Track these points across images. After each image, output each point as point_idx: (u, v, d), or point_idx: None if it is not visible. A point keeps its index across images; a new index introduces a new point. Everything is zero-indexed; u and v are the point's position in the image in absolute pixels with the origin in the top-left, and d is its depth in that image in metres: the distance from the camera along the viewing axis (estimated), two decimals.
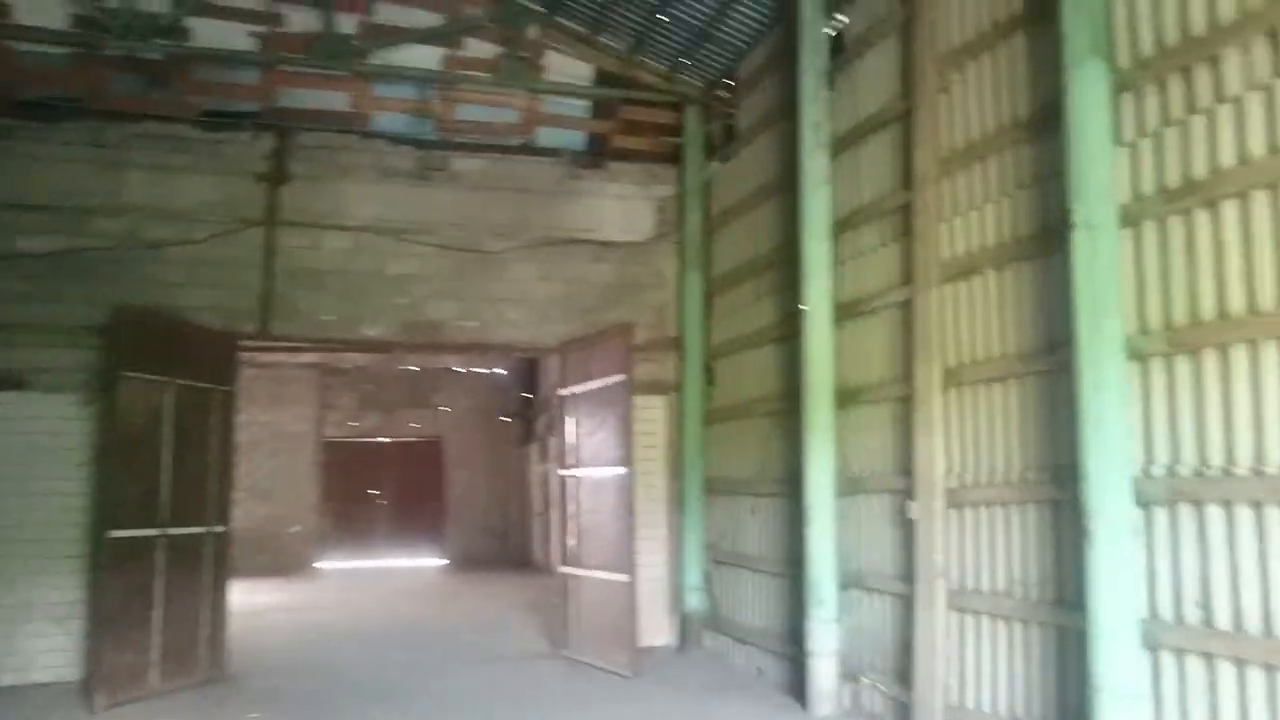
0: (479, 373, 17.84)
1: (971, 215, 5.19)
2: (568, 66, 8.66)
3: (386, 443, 17.76)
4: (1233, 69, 3.81)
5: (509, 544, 17.52)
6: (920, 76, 5.60)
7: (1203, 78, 3.94)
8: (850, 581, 6.11)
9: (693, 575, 8.40)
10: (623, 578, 7.51)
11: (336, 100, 8.36)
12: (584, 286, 8.83)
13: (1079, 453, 4.16)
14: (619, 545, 7.60)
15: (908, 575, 5.51)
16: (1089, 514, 4.08)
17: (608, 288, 8.88)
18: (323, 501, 16.63)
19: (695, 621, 8.35)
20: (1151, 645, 3.97)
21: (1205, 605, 3.81)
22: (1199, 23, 3.96)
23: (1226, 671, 3.70)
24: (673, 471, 8.74)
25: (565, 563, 8.37)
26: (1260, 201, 3.66)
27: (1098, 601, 4.03)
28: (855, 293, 6.23)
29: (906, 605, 5.52)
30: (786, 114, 7.13)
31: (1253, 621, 3.62)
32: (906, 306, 5.65)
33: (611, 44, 8.57)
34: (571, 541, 8.29)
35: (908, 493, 5.54)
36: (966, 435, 5.16)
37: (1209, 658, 3.76)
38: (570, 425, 8.47)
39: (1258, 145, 3.68)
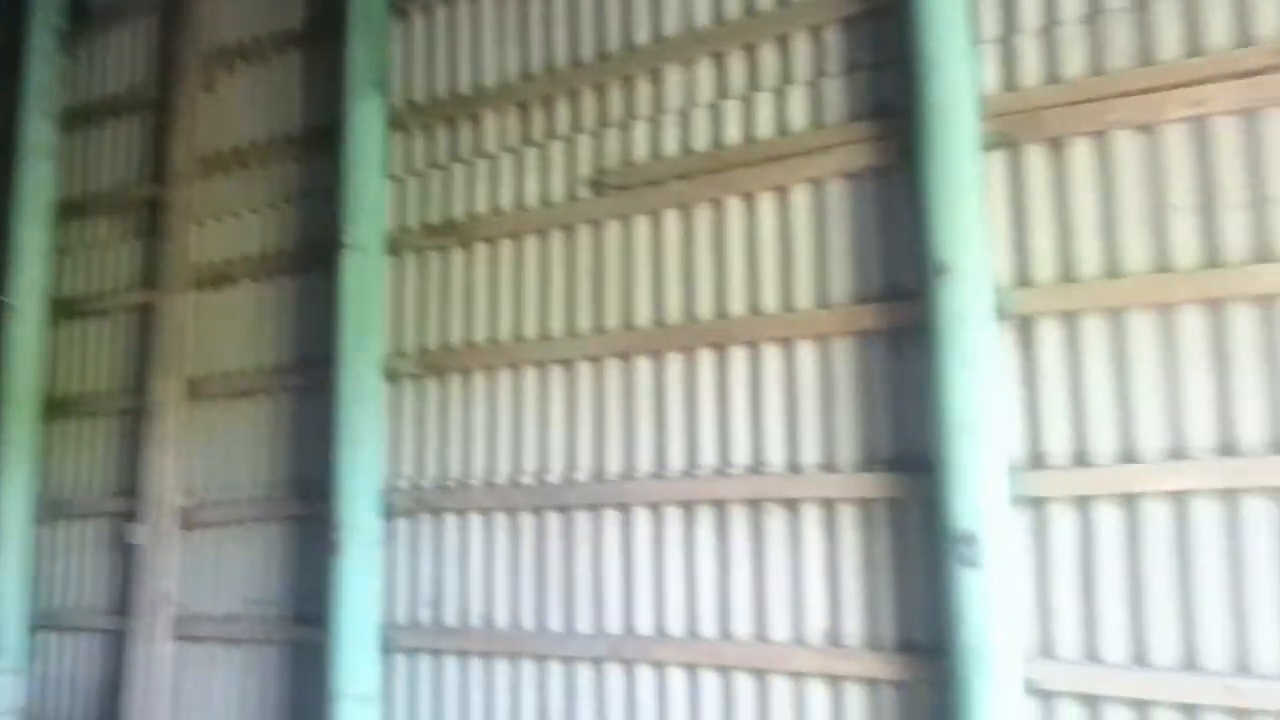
0: None
1: (232, 222, 4.98)
2: None
3: None
4: (490, 130, 4.35)
5: None
6: (182, 67, 5.22)
7: (465, 132, 4.41)
8: (45, 623, 5.25)
9: None
10: None
11: None
12: None
13: (333, 467, 4.24)
14: None
15: (125, 607, 4.94)
16: (339, 527, 4.17)
17: None
18: None
19: None
20: (388, 649, 4.20)
21: (437, 606, 4.17)
22: (465, 83, 4.43)
23: (452, 664, 4.08)
24: None
25: None
26: (506, 247, 4.20)
27: (343, 613, 4.13)
28: (81, 289, 5.47)
29: (121, 641, 4.93)
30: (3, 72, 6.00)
31: (475, 618, 4.07)
32: (147, 310, 5.15)
33: None
34: None
35: (131, 515, 4.99)
36: (210, 451, 4.87)
37: (437, 654, 4.11)
38: None
39: (506, 199, 4.23)
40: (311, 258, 4.67)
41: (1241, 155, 2.90)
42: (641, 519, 3.74)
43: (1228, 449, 2.82)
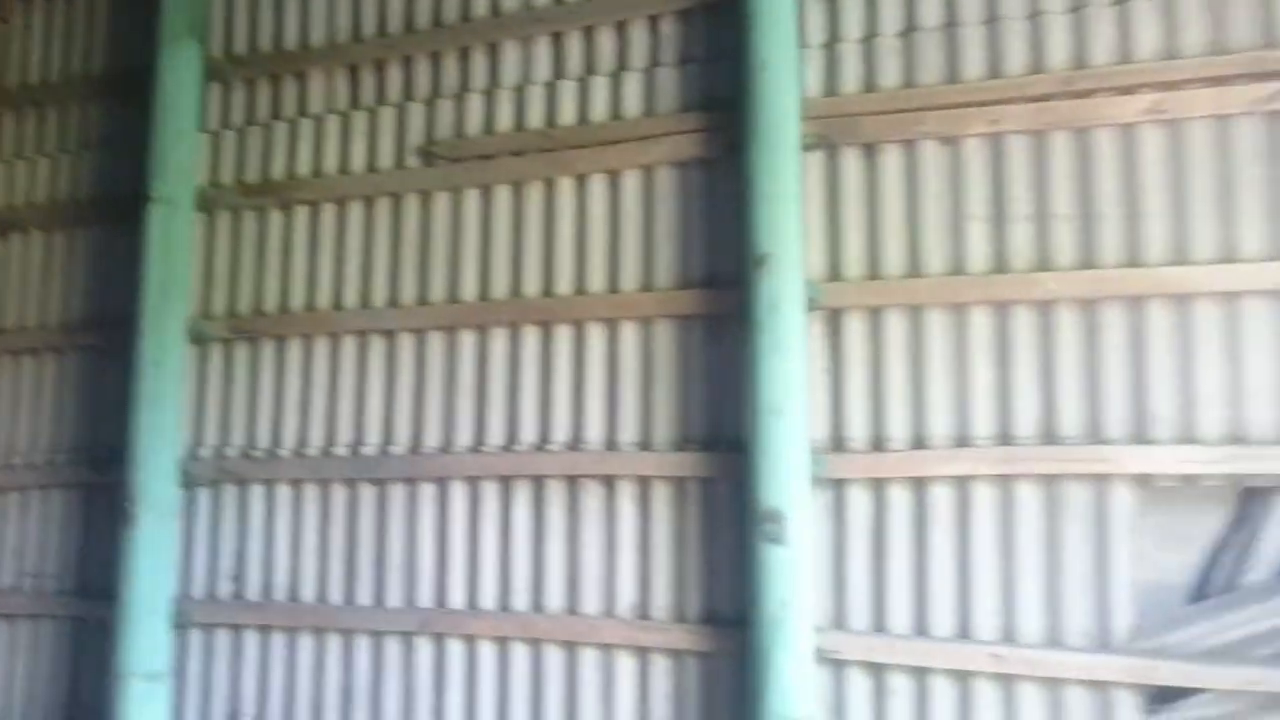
0: None
1: (21, 165, 4.59)
2: None
3: None
4: (317, 90, 4.19)
5: None
6: None
7: (290, 89, 4.24)
8: None
9: None
10: None
11: None
12: None
13: (130, 434, 3.99)
14: None
15: None
16: (134, 497, 3.94)
17: None
18: None
19: None
20: (181, 624, 4.00)
21: (239, 579, 4.01)
22: (291, 38, 4.25)
23: (252, 639, 3.94)
24: None
25: None
26: (328, 212, 4.07)
27: (134, 586, 3.90)
28: None
29: None
30: None
31: (280, 591, 3.94)
32: None
33: None
34: None
35: None
36: None
37: (237, 629, 3.96)
38: None
39: (331, 162, 4.09)
40: (112, 210, 4.37)
41: (1030, 172, 3.17)
42: (458, 493, 3.72)
43: (1004, 438, 3.10)
